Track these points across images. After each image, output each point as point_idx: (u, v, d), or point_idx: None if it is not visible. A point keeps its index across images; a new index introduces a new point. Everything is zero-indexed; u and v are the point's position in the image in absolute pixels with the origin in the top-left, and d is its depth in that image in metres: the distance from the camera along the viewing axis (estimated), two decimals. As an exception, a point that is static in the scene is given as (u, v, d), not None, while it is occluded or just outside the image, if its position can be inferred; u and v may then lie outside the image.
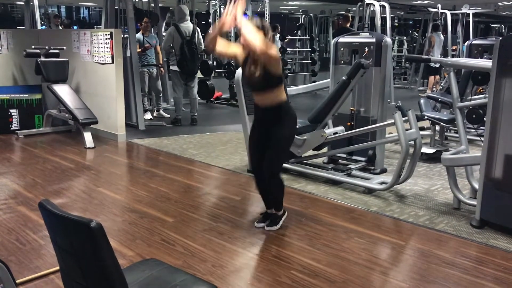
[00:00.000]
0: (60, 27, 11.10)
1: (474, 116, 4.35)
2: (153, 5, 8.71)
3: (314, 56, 13.21)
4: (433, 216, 3.74)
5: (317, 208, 3.91)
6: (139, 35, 7.53)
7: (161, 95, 8.23)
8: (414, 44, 15.90)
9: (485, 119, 3.55)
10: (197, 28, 7.48)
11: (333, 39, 5.21)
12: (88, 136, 5.94)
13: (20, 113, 6.66)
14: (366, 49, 4.72)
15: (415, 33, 17.23)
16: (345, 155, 5.01)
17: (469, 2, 12.67)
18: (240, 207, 3.91)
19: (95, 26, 16.87)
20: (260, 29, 3.06)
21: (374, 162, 4.83)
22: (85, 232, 1.40)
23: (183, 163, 5.30)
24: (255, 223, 3.49)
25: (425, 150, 5.41)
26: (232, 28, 10.15)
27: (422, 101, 6.01)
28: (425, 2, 14.92)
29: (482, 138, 3.49)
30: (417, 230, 3.50)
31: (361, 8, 10.53)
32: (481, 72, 4.54)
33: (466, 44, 7.59)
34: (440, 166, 4.99)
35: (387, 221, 3.69)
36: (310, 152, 4.72)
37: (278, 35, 12.48)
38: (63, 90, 6.31)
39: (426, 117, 5.67)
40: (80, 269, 1.53)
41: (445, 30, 12.16)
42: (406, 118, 4.16)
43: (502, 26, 19.95)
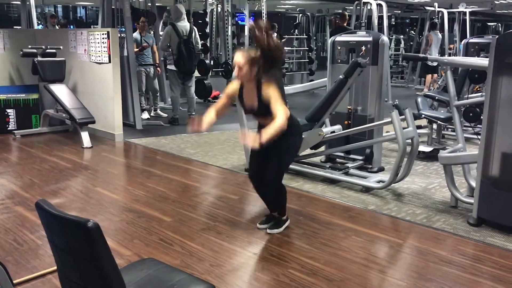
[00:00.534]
0: (57, 27, 11.08)
1: (471, 114, 4.35)
2: (150, 4, 8.69)
3: (311, 55, 13.23)
4: (430, 214, 3.75)
5: (314, 207, 3.92)
6: (136, 35, 7.52)
7: (158, 94, 8.22)
8: (411, 43, 15.91)
9: (482, 117, 3.56)
10: (194, 27, 7.47)
11: (330, 38, 5.21)
12: (85, 136, 5.93)
13: (17, 113, 6.64)
14: (363, 48, 4.72)
15: (412, 31, 17.24)
16: (342, 154, 5.02)
17: (465, 1, 12.68)
18: (238, 206, 3.91)
19: (92, 26, 16.85)
20: (251, 62, 2.93)
21: (372, 161, 4.84)
22: (82, 232, 1.40)
23: (180, 163, 5.30)
24: (257, 224, 3.47)
25: (422, 148, 5.42)
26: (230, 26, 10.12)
27: (419, 99, 6.02)
28: (422, 0, 14.94)
29: (479, 137, 3.50)
30: (415, 228, 3.51)
31: (358, 7, 10.53)
32: (478, 70, 4.54)
33: (463, 42, 7.60)
34: (437, 164, 5.00)
35: (384, 219, 3.70)
36: (308, 151, 4.72)
37: (275, 34, 12.50)
38: (60, 90, 6.29)
39: (423, 115, 5.68)
40: (78, 269, 1.53)
41: (442, 28, 12.17)
42: (403, 117, 4.17)
43: (499, 24, 20.01)
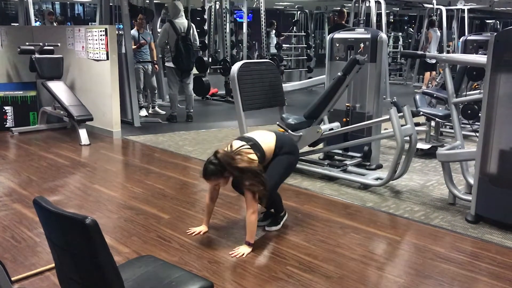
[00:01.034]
0: (55, 24, 11.05)
1: (469, 111, 4.36)
2: (147, 1, 8.68)
3: (309, 52, 13.23)
4: (428, 212, 3.76)
5: (313, 204, 3.92)
6: (134, 32, 7.50)
7: (156, 91, 8.21)
8: (410, 40, 15.92)
9: (480, 114, 3.56)
10: (192, 24, 7.46)
11: (328, 35, 5.20)
12: (83, 133, 5.92)
13: (14, 110, 6.63)
14: (362, 45, 4.71)
15: (411, 29, 17.23)
16: (340, 151, 5.02)
17: (464, -2, 12.68)
18: (236, 204, 3.91)
19: (90, 23, 16.80)
20: (222, 176, 2.96)
21: (370, 158, 4.84)
22: (80, 229, 1.40)
23: (178, 160, 5.29)
24: None
25: (421, 145, 5.43)
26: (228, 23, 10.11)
27: (418, 97, 6.03)
28: (420, -2, 14.92)
29: (477, 134, 3.50)
30: (413, 226, 3.52)
31: (356, 4, 10.53)
32: (476, 67, 4.55)
33: (461, 40, 7.59)
34: (435, 161, 5.00)
35: (382, 216, 3.70)
36: (306, 148, 4.72)
37: (273, 31, 12.48)
38: (58, 87, 6.27)
39: (422, 112, 5.69)
40: (76, 266, 1.53)
41: (440, 26, 12.17)
42: (402, 114, 4.17)
43: (497, 21, 19.98)
